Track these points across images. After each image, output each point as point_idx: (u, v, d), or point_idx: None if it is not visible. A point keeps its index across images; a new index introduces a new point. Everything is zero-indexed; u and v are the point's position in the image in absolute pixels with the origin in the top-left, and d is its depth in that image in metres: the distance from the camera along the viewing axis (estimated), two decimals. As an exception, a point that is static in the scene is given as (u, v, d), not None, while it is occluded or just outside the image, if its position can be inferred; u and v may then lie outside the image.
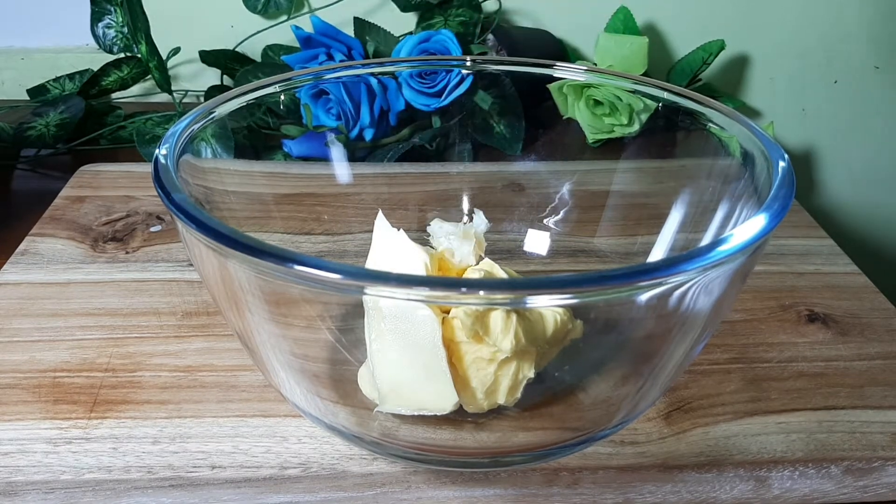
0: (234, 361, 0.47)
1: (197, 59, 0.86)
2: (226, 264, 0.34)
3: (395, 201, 0.57)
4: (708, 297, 0.36)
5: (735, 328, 0.52)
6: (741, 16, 0.89)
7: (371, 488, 0.40)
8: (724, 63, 0.90)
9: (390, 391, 0.40)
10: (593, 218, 0.55)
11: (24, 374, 0.46)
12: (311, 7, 0.87)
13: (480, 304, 0.37)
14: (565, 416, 0.44)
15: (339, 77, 0.59)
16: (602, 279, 0.30)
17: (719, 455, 0.43)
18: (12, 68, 0.90)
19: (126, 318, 0.51)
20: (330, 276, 0.30)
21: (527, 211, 0.56)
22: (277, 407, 0.44)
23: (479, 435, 0.41)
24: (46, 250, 0.58)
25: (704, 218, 0.44)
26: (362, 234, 0.50)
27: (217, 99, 0.44)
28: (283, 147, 0.69)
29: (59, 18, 0.89)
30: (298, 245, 0.54)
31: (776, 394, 0.47)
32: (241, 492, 0.40)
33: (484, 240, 0.46)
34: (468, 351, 0.40)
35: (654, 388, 0.41)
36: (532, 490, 0.41)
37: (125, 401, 0.45)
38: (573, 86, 0.69)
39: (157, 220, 0.62)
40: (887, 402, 0.46)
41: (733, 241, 0.32)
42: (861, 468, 0.42)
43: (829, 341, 0.51)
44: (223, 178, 0.49)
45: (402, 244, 0.42)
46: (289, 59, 0.78)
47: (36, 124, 0.76)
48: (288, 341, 0.39)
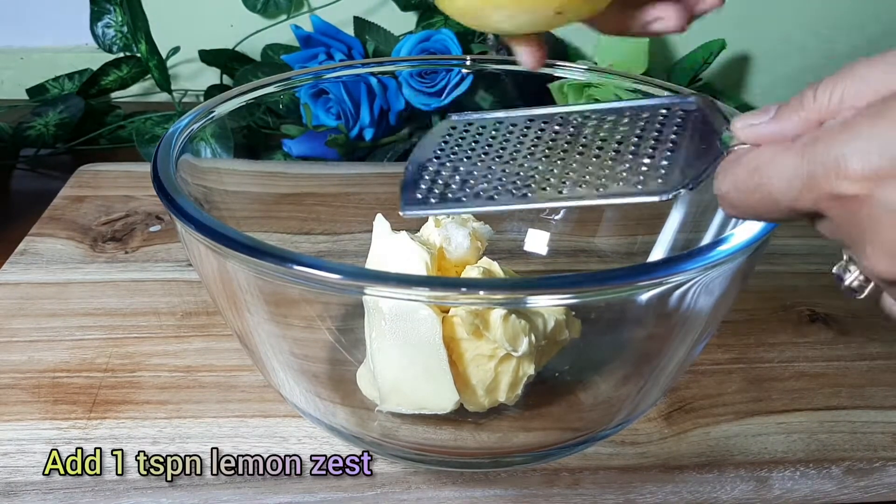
0: (233, 361, 0.47)
1: (197, 59, 0.86)
2: (225, 264, 0.34)
3: (395, 201, 0.57)
4: (708, 297, 0.36)
5: (736, 328, 0.52)
6: (742, 15, 0.88)
7: (371, 488, 0.40)
8: (724, 62, 0.90)
9: (391, 390, 0.40)
10: (593, 218, 0.55)
11: (24, 375, 0.46)
12: (311, 6, 0.87)
13: (480, 304, 0.37)
14: (566, 417, 0.44)
15: (338, 77, 0.59)
16: (602, 279, 0.30)
17: (720, 455, 0.42)
18: (12, 68, 0.90)
19: (125, 318, 0.51)
20: (330, 276, 0.30)
21: (527, 210, 0.56)
22: (277, 407, 0.44)
23: (480, 435, 0.41)
24: (46, 250, 0.58)
25: (705, 218, 0.44)
26: (362, 234, 0.49)
27: (217, 98, 0.44)
28: (283, 147, 0.69)
29: (58, 18, 0.89)
30: (298, 245, 0.54)
31: (777, 394, 0.47)
32: (241, 492, 0.40)
33: (485, 239, 0.46)
34: (468, 348, 0.40)
35: (655, 389, 0.41)
36: (532, 490, 0.41)
37: (124, 401, 0.45)
38: (574, 85, 0.68)
39: (156, 219, 0.62)
40: (888, 402, 0.46)
41: (734, 241, 0.32)
42: (862, 468, 0.42)
43: (830, 341, 0.51)
44: (222, 178, 0.48)
45: (403, 244, 0.42)
46: (288, 58, 0.78)
47: (35, 124, 0.76)
48: (287, 341, 0.39)
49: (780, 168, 0.26)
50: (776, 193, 0.26)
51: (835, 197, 0.25)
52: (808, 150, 0.25)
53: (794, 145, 0.26)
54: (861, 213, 0.24)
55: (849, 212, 0.25)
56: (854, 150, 0.24)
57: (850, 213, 0.25)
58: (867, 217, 0.24)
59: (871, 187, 0.24)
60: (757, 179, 0.27)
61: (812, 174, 0.25)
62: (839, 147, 0.24)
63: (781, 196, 0.26)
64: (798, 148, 0.26)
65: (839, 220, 0.25)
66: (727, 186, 0.29)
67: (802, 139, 0.26)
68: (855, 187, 0.24)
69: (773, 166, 0.27)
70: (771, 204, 0.27)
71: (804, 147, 0.26)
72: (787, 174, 0.26)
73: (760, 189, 0.27)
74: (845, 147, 0.24)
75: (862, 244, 0.25)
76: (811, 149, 0.25)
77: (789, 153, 0.26)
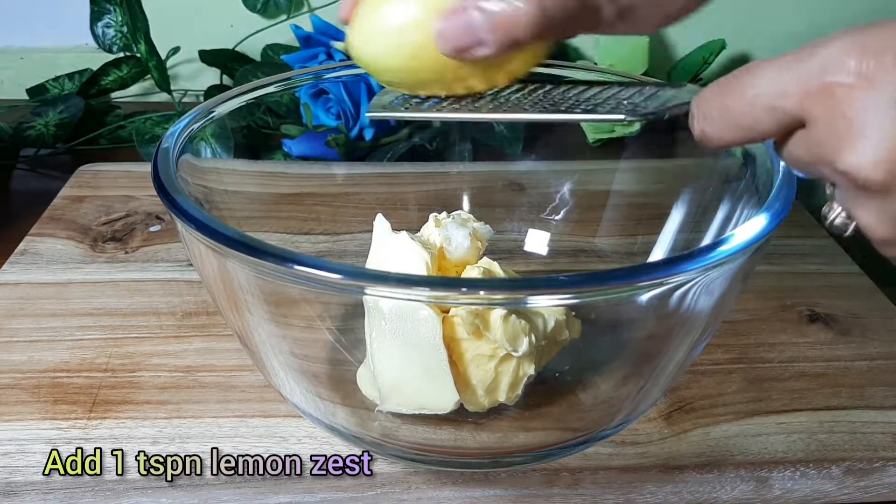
0: (233, 361, 0.47)
1: (196, 59, 0.86)
2: (225, 264, 0.34)
3: (395, 201, 0.57)
4: (709, 298, 0.36)
5: (736, 328, 0.52)
6: (742, 15, 0.89)
7: (371, 488, 0.40)
8: (724, 62, 0.90)
9: (391, 390, 0.40)
10: (594, 218, 0.55)
11: (24, 375, 0.46)
12: (311, 6, 0.87)
13: (480, 304, 0.37)
14: (566, 417, 0.44)
15: (338, 76, 0.59)
16: (602, 279, 0.30)
17: (720, 455, 0.42)
18: (12, 68, 0.90)
19: (125, 318, 0.51)
20: (330, 276, 0.30)
21: (527, 210, 0.56)
22: (277, 407, 0.44)
23: (480, 435, 0.41)
24: (46, 250, 0.58)
25: (705, 218, 0.44)
26: (362, 234, 0.49)
27: (217, 98, 0.44)
28: (283, 147, 0.69)
29: (58, 18, 0.89)
30: (298, 245, 0.54)
31: (777, 394, 0.47)
32: (241, 492, 0.40)
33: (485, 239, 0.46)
34: (468, 348, 0.40)
35: (655, 389, 0.41)
36: (532, 490, 0.41)
37: (124, 401, 0.45)
38: (573, 85, 0.68)
39: (156, 219, 0.62)
40: (888, 402, 0.46)
41: (734, 241, 0.32)
42: (862, 468, 0.42)
43: (830, 341, 0.51)
44: (223, 178, 0.48)
45: (403, 244, 0.42)
46: (288, 58, 0.78)
47: (35, 124, 0.76)
48: (288, 341, 0.39)
49: (772, 64, 0.26)
50: (760, 88, 0.26)
51: (826, 89, 0.24)
52: (804, 50, 0.25)
53: (785, 55, 0.26)
54: (850, 105, 0.24)
55: (836, 105, 0.24)
56: (853, 41, 0.24)
57: (838, 106, 0.24)
58: (857, 108, 0.24)
59: (868, 79, 0.24)
60: (745, 76, 0.27)
61: (806, 66, 0.25)
62: (839, 40, 0.24)
63: (764, 90, 0.26)
64: (790, 54, 0.26)
65: (823, 118, 0.25)
66: (709, 92, 0.28)
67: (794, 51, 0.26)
68: (850, 78, 0.24)
69: (764, 63, 0.26)
70: (750, 100, 0.26)
71: (797, 51, 0.25)
72: (777, 68, 0.26)
73: (745, 84, 0.26)
74: (846, 39, 0.24)
75: (848, 143, 0.25)
76: (806, 49, 0.25)
77: (783, 56, 0.26)
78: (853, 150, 0.24)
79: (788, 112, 0.26)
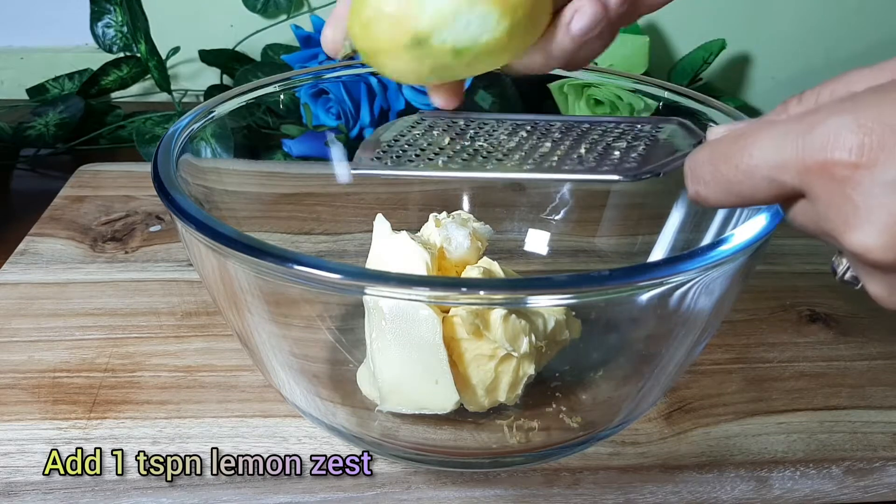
0: (233, 361, 0.47)
1: (196, 59, 0.86)
2: (225, 264, 0.34)
3: (395, 201, 0.57)
4: (709, 298, 0.36)
5: (736, 328, 0.52)
6: (742, 15, 0.89)
7: (371, 488, 0.40)
8: (725, 62, 0.90)
9: (391, 390, 0.40)
10: (594, 218, 0.55)
11: (24, 375, 0.46)
12: (311, 6, 0.87)
13: (481, 304, 0.37)
14: (566, 417, 0.43)
15: (338, 76, 0.59)
16: (602, 279, 0.30)
17: (720, 455, 0.42)
18: (12, 68, 0.90)
19: (125, 318, 0.51)
20: (330, 276, 0.30)
21: (527, 210, 0.56)
22: (277, 407, 0.44)
23: (480, 435, 0.41)
24: (46, 250, 0.58)
25: (705, 218, 0.44)
26: (362, 234, 0.49)
27: (217, 98, 0.44)
28: (283, 147, 0.69)
29: (58, 18, 0.89)
30: (298, 245, 0.54)
31: (777, 394, 0.47)
32: (241, 492, 0.40)
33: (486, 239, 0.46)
34: (468, 348, 0.40)
35: (655, 389, 0.41)
36: (532, 490, 0.41)
37: (124, 401, 0.45)
38: (574, 85, 0.68)
39: (156, 219, 0.62)
40: (888, 402, 0.46)
41: (734, 241, 0.32)
42: (862, 468, 0.42)
43: (830, 341, 0.51)
44: (223, 178, 0.48)
45: (403, 244, 0.42)
46: (288, 58, 0.78)
47: (35, 124, 0.76)
48: (288, 341, 0.39)
49: (769, 134, 0.25)
50: (758, 159, 0.25)
51: (826, 168, 0.23)
52: (806, 117, 0.24)
53: (787, 118, 0.24)
54: (853, 187, 0.23)
55: (839, 185, 0.23)
56: (854, 119, 0.23)
57: (840, 186, 0.23)
58: (861, 191, 0.23)
59: (869, 159, 0.22)
60: (741, 144, 0.25)
61: (806, 141, 0.23)
62: (838, 117, 0.23)
63: (764, 161, 0.24)
64: (792, 118, 0.24)
65: (826, 196, 0.24)
66: (703, 156, 0.27)
67: (795, 113, 0.25)
68: (852, 157, 0.23)
69: (761, 132, 0.25)
70: (746, 169, 0.25)
71: (800, 116, 0.24)
72: (775, 139, 0.24)
73: (741, 153, 0.25)
74: (846, 116, 0.23)
75: (854, 225, 0.23)
76: (810, 116, 0.24)
77: (780, 123, 0.24)
78: (860, 231, 0.23)
79: (788, 185, 0.25)
